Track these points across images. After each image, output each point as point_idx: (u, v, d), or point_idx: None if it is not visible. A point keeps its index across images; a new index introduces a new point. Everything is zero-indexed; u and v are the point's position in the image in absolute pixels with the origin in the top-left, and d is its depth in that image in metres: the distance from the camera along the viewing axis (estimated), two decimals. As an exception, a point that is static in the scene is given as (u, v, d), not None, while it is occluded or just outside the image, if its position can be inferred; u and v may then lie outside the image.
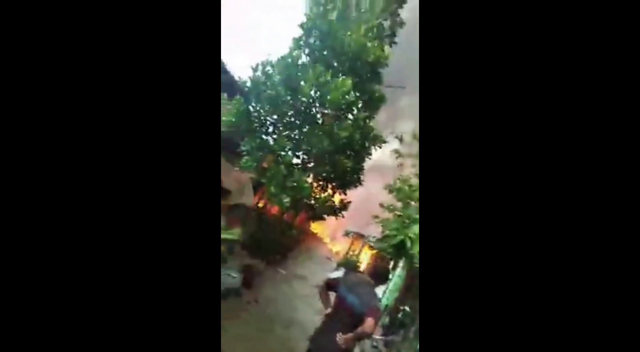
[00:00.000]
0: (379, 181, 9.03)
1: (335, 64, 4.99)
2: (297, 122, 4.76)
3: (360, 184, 5.78)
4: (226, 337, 3.44)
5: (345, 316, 2.28)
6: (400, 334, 4.64)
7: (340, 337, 2.16)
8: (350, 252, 16.89)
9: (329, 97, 4.12)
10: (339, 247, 24.24)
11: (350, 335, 2.14)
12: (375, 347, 5.67)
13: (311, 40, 4.79)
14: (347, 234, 16.72)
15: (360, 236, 16.81)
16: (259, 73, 4.51)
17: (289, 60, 4.35)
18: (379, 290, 6.30)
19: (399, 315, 5.29)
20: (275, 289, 6.50)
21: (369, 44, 4.77)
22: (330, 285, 2.54)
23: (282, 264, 8.93)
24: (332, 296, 2.51)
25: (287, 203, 3.96)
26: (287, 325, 4.75)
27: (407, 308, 5.19)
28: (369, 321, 2.12)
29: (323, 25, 4.63)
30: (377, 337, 6.00)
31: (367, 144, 5.03)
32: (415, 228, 3.49)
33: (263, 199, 8.12)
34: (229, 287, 4.22)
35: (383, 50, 5.01)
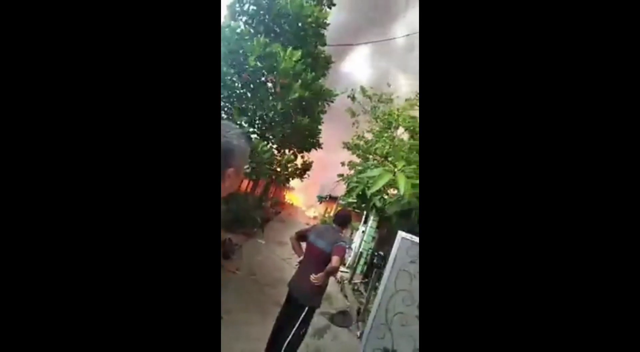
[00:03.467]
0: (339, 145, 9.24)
1: (277, 30, 4.94)
2: (247, 93, 4.76)
3: (320, 146, 5.98)
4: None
5: (316, 258, 2.60)
6: (375, 273, 5.18)
7: (313, 277, 2.48)
8: (326, 215, 17.53)
9: (281, 67, 4.14)
10: (316, 212, 24.96)
11: (321, 274, 2.46)
12: (357, 289, 6.27)
13: (245, 7, 4.67)
14: (320, 199, 17.23)
15: (333, 199, 17.40)
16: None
17: (227, 30, 4.24)
18: (356, 239, 6.63)
19: (375, 260, 5.82)
20: (258, 257, 6.82)
21: (307, 5, 4.74)
22: (301, 235, 2.84)
23: (261, 235, 9.21)
24: (304, 245, 2.81)
25: (247, 170, 4.10)
26: (274, 285, 5.12)
27: (381, 253, 5.71)
28: (335, 259, 2.46)
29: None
30: (358, 281, 6.61)
31: (319, 102, 5.17)
32: (371, 176, 3.77)
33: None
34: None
35: (322, 11, 5.01)
